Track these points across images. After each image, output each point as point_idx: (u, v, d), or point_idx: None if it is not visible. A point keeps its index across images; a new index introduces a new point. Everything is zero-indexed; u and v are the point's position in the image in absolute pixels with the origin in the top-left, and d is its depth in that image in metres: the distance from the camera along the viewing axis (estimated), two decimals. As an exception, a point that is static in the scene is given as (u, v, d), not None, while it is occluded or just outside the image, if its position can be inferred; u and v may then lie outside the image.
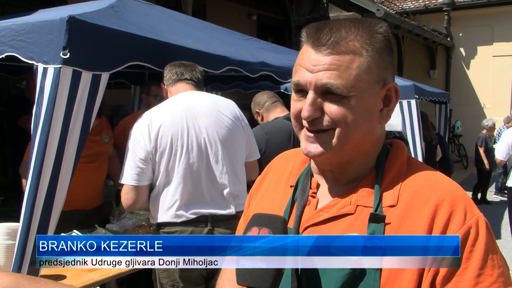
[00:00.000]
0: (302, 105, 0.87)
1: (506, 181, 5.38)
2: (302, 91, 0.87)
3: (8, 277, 0.70)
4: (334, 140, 0.86)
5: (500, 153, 5.46)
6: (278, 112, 3.29)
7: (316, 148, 0.88)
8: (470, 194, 8.23)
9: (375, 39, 0.86)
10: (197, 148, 2.25)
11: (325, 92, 0.85)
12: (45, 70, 2.01)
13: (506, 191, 5.50)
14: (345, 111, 0.84)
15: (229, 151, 2.35)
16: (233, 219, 2.35)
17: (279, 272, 0.79)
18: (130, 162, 2.21)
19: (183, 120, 2.25)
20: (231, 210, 2.33)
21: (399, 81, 5.80)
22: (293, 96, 0.90)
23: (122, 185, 2.27)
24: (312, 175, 0.97)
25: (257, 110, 3.32)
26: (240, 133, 2.43)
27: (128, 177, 2.21)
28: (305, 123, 0.88)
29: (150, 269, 2.36)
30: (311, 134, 0.88)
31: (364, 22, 0.89)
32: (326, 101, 0.85)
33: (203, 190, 2.27)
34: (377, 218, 0.83)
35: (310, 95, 0.86)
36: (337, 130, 0.86)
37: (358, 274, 0.80)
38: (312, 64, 0.86)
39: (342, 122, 0.85)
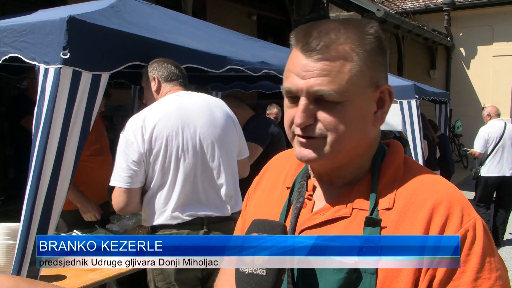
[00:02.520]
0: (295, 112, 0.85)
1: (479, 170, 6.16)
2: (294, 97, 0.86)
3: (8, 280, 0.70)
4: (327, 147, 0.84)
5: (478, 147, 6.18)
6: (251, 112, 3.84)
7: (309, 154, 0.86)
8: (472, 194, 8.22)
9: (366, 41, 0.84)
10: (192, 149, 2.23)
11: (318, 99, 0.83)
12: (46, 71, 2.02)
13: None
14: (338, 118, 0.83)
15: (225, 150, 2.34)
16: (229, 220, 2.34)
17: (278, 280, 0.78)
18: (122, 164, 2.15)
19: (177, 121, 2.22)
20: (227, 211, 2.32)
21: (399, 81, 5.80)
22: (286, 102, 0.88)
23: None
24: (308, 177, 0.96)
25: (234, 110, 3.58)
26: (232, 132, 2.43)
27: (120, 179, 2.15)
28: (297, 130, 0.86)
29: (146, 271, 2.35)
30: (304, 140, 0.86)
31: (354, 23, 0.87)
32: (319, 108, 0.83)
33: (199, 191, 2.25)
34: (372, 221, 0.82)
35: (303, 101, 0.84)
36: (330, 138, 0.84)
37: (354, 279, 0.80)
38: (303, 70, 0.83)
39: (334, 130, 0.83)
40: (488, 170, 6.12)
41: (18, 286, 0.70)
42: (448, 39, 13.14)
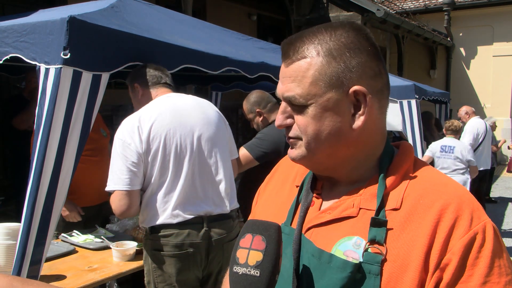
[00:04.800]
0: None
1: None
2: None
3: (1, 279, 0.70)
4: (304, 148, 0.88)
5: (468, 141, 6.49)
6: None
7: (292, 153, 0.91)
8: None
9: (334, 43, 0.84)
10: (190, 146, 2.24)
11: (291, 103, 0.87)
12: (47, 71, 2.02)
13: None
14: (307, 120, 0.85)
15: (221, 147, 2.36)
16: (227, 218, 2.35)
17: (272, 281, 0.78)
18: (121, 167, 2.13)
19: (172, 120, 2.22)
20: (226, 208, 2.33)
21: (399, 81, 5.80)
22: None
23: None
24: (317, 176, 0.97)
25: (258, 110, 3.20)
26: (224, 131, 2.45)
27: (121, 182, 2.12)
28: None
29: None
30: (289, 140, 0.91)
31: (330, 25, 0.87)
32: (294, 111, 0.88)
33: (197, 188, 2.26)
34: (378, 222, 0.81)
35: (282, 104, 0.90)
36: (304, 139, 0.87)
37: (358, 279, 0.79)
38: (281, 76, 0.89)
39: (305, 131, 0.86)
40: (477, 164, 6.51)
41: (11, 285, 0.70)
42: (448, 39, 13.14)
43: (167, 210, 2.20)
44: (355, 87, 0.84)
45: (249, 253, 0.79)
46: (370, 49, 0.86)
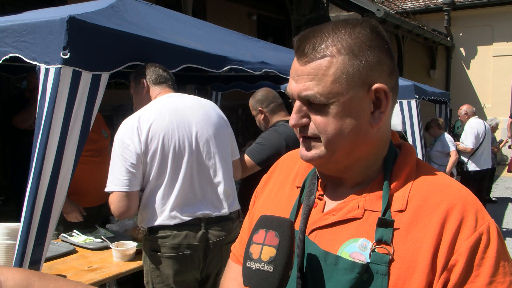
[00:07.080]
0: None
1: (467, 165, 6.68)
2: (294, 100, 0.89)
3: (19, 273, 0.69)
4: (322, 148, 0.86)
5: (471, 143, 6.61)
6: (282, 115, 3.17)
7: (307, 153, 0.88)
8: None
9: (354, 41, 0.83)
10: (188, 147, 2.23)
11: (308, 102, 0.85)
12: (47, 71, 2.02)
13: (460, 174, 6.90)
14: (328, 119, 0.84)
15: (220, 148, 2.35)
16: (226, 220, 2.34)
17: (285, 277, 0.78)
18: (120, 168, 2.13)
19: (172, 120, 2.22)
20: (225, 210, 2.31)
21: (399, 81, 5.79)
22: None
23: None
24: (318, 177, 0.96)
25: (261, 109, 3.16)
26: (225, 131, 2.44)
27: (120, 183, 2.12)
28: (297, 130, 0.89)
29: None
30: (303, 140, 0.89)
31: (346, 23, 0.86)
32: (311, 109, 0.86)
33: (196, 190, 2.25)
34: (385, 222, 0.81)
35: (296, 103, 0.87)
36: (322, 138, 0.86)
37: (365, 279, 0.79)
38: (296, 74, 0.87)
39: (324, 130, 0.85)
40: (477, 164, 6.61)
41: (29, 280, 0.68)
42: (448, 39, 13.14)
43: (165, 211, 2.19)
44: (377, 85, 0.84)
45: (262, 249, 0.79)
46: (386, 46, 0.86)
